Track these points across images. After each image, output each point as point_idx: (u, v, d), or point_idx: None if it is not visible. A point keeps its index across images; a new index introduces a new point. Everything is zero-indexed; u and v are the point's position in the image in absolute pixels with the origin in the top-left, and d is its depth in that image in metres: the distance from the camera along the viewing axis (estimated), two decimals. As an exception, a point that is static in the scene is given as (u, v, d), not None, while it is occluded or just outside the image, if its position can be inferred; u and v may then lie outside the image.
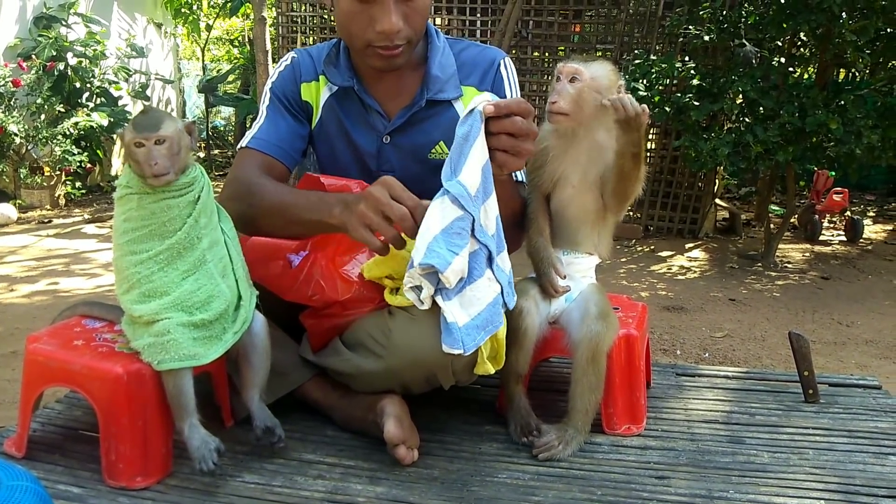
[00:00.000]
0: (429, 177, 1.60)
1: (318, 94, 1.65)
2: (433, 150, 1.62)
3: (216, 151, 10.37)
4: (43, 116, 6.43)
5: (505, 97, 1.66)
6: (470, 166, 1.27)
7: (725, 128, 4.87)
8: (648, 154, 6.07)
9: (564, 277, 1.51)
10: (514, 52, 5.78)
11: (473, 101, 1.29)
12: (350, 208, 1.32)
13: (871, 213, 6.75)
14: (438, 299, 1.27)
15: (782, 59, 4.85)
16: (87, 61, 6.93)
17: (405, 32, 1.50)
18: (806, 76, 5.57)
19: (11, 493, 0.93)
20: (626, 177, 1.44)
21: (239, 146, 1.64)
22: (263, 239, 1.51)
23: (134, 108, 8.05)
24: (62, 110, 6.53)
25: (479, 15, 6.06)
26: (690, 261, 4.99)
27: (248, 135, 1.62)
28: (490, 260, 1.33)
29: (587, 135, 1.47)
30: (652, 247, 5.35)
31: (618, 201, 1.50)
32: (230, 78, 10.81)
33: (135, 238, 1.27)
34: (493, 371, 1.36)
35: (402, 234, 1.29)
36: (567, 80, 1.43)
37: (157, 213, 1.28)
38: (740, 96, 4.62)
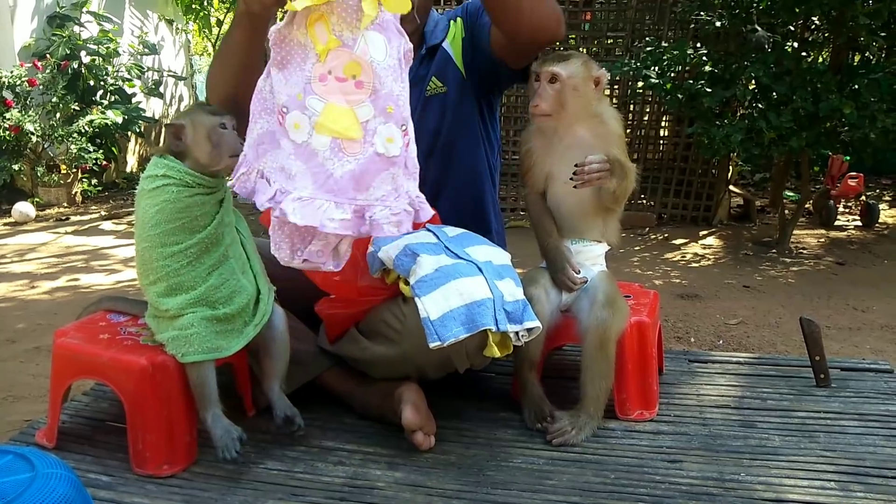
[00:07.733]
0: (424, 113, 1.68)
1: None
2: (428, 87, 1.71)
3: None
4: (58, 115, 6.49)
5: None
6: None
7: (738, 114, 4.83)
8: (662, 142, 6.06)
9: (579, 272, 1.54)
10: (524, 41, 5.76)
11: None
12: None
13: (887, 198, 6.68)
14: (415, 296, 1.32)
15: (795, 44, 4.80)
16: (101, 59, 6.99)
17: None
18: (819, 61, 5.52)
19: (47, 480, 0.97)
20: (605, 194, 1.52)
21: None
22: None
23: (147, 104, 8.10)
24: (77, 108, 6.58)
25: (488, 5, 6.04)
26: (704, 248, 4.98)
27: None
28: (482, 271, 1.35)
29: (568, 131, 1.50)
30: (665, 235, 5.33)
31: (610, 201, 1.53)
32: (242, 73, 10.83)
33: (167, 230, 1.31)
34: (499, 354, 1.33)
35: None
36: (546, 81, 1.46)
37: (192, 206, 1.32)
38: (753, 82, 4.59)
